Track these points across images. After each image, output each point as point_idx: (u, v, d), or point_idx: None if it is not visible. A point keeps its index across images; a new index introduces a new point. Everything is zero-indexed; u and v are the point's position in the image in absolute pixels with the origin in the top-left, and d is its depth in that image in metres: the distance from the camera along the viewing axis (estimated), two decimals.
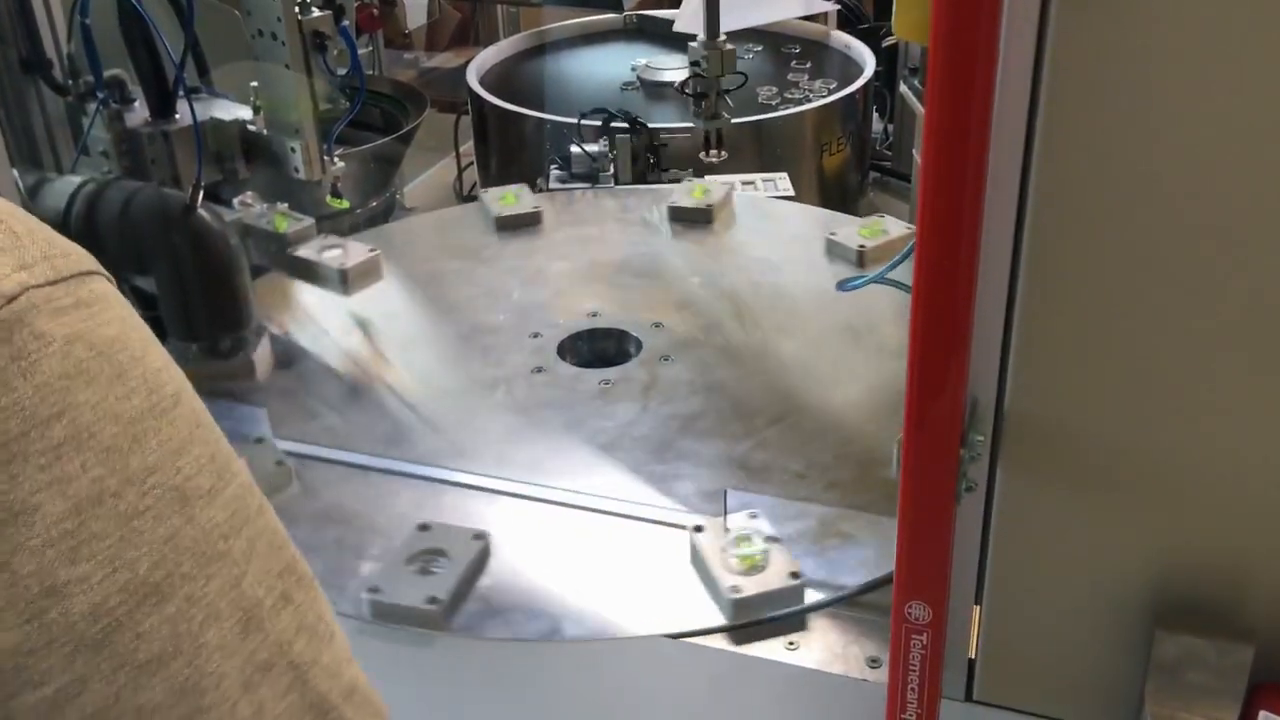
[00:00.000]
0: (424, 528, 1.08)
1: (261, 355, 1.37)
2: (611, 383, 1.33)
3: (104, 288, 0.43)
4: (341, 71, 1.41)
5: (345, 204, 1.58)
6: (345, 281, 1.53)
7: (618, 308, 1.47)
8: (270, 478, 1.16)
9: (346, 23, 1.41)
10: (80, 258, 0.43)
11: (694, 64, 1.74)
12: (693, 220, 1.65)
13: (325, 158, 1.45)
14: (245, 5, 1.39)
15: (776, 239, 1.64)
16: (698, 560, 1.04)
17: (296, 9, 1.35)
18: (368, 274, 1.55)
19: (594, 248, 1.63)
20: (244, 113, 1.48)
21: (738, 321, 1.46)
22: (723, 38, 1.76)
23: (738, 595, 0.99)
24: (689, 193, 1.67)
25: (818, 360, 1.37)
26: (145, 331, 0.44)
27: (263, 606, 0.45)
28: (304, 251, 1.56)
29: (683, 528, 1.08)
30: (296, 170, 1.45)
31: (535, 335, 1.42)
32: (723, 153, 1.78)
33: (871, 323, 1.41)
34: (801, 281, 1.53)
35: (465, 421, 1.30)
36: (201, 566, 0.42)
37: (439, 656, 1.00)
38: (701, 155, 1.78)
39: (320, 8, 1.37)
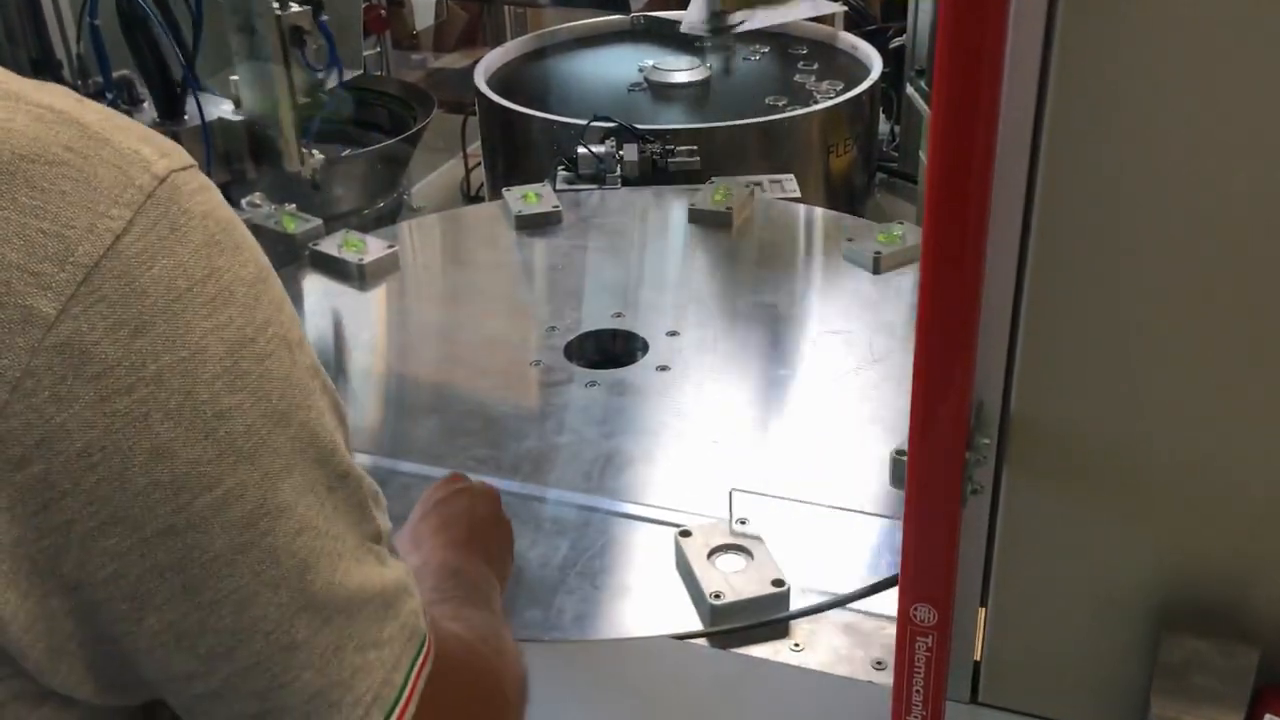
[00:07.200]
0: None
1: None
2: (611, 384, 1.32)
3: (205, 177, 0.53)
4: (320, 66, 1.41)
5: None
6: (363, 276, 1.55)
7: (628, 309, 1.47)
8: None
9: (326, 18, 1.41)
10: (185, 151, 0.52)
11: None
12: (712, 223, 1.65)
13: (303, 149, 1.46)
14: None
15: (795, 244, 1.64)
16: (682, 565, 1.05)
17: (275, 4, 1.35)
18: (385, 270, 1.57)
19: (611, 249, 1.63)
20: (226, 106, 1.48)
21: (744, 326, 1.46)
22: None
23: (719, 601, 0.99)
24: (710, 196, 1.67)
25: (822, 368, 1.37)
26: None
27: (330, 432, 0.56)
28: (324, 246, 1.58)
29: (677, 526, 1.08)
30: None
31: (544, 333, 1.42)
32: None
33: (883, 331, 1.40)
34: (814, 286, 1.53)
35: (455, 416, 1.30)
36: (305, 397, 0.53)
37: None
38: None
39: (299, 3, 1.37)
